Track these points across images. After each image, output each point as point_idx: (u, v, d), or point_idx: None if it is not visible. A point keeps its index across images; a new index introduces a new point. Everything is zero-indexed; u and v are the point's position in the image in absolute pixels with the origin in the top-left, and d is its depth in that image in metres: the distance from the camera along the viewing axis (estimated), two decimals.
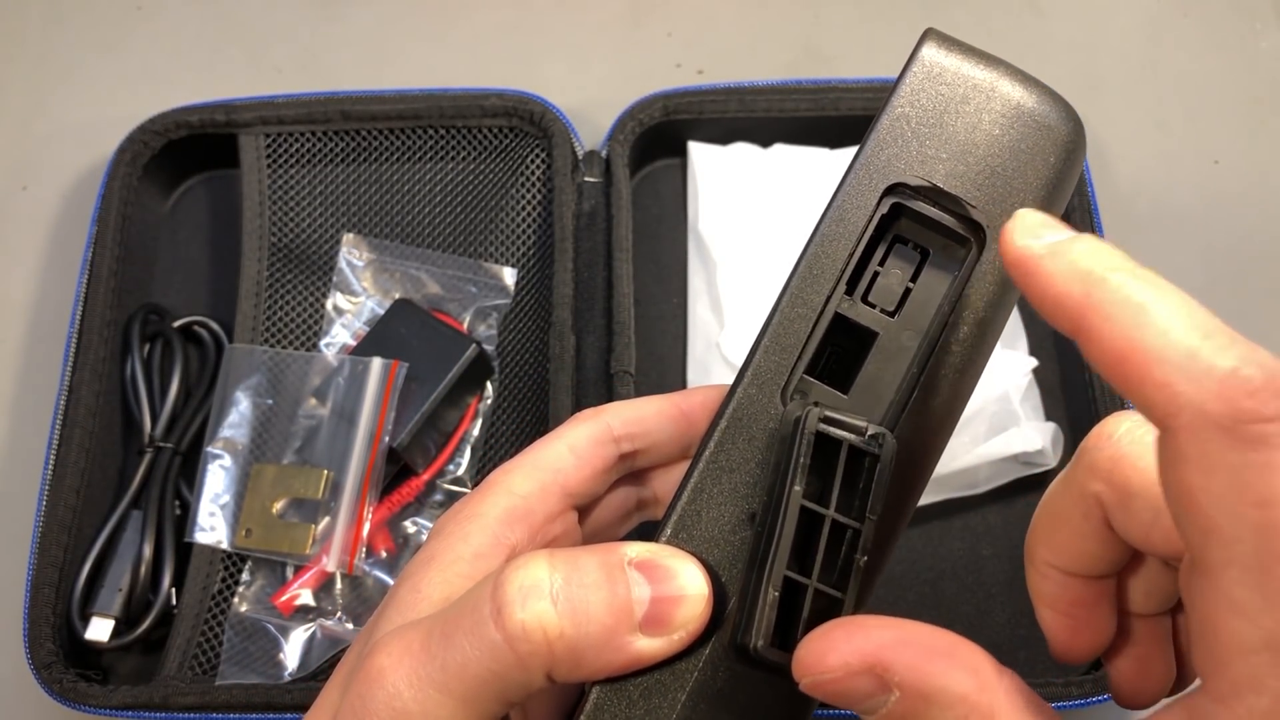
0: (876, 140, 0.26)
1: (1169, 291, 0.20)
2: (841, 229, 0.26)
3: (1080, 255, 0.21)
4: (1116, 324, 0.20)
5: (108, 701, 0.48)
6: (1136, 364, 0.20)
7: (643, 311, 0.57)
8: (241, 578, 0.52)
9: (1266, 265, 0.61)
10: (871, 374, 0.25)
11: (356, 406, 0.52)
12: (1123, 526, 0.24)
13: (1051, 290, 0.21)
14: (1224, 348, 0.19)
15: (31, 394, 0.58)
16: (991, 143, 0.26)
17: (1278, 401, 0.19)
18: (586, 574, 0.24)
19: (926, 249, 0.26)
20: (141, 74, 0.67)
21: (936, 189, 0.26)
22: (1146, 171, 0.63)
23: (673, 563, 0.24)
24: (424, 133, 0.60)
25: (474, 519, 0.28)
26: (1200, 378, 0.19)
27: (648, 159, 0.62)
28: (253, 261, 0.58)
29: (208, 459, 0.53)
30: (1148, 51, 0.67)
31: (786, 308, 0.26)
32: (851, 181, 0.26)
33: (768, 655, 0.23)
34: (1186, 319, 0.20)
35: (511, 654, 0.23)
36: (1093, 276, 0.21)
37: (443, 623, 0.24)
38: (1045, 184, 0.26)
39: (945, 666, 0.21)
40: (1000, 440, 0.51)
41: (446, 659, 0.23)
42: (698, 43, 0.67)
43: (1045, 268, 0.21)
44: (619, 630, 0.24)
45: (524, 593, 0.23)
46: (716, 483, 0.25)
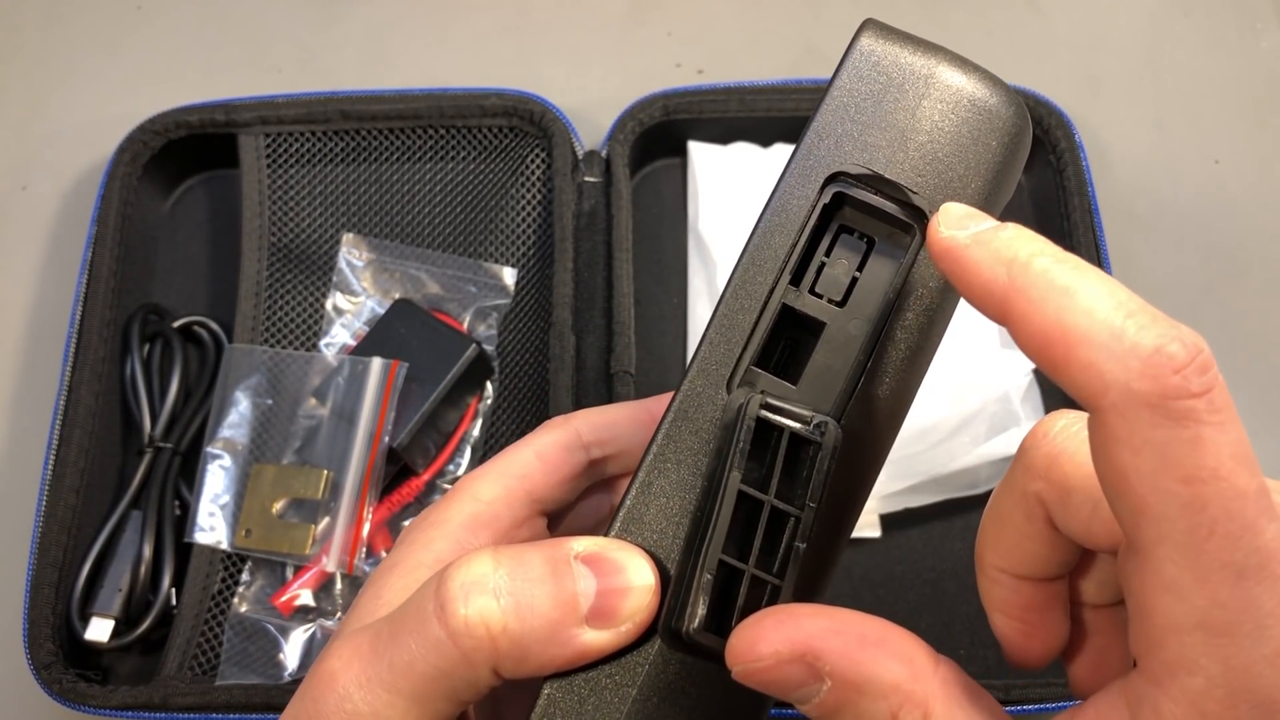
0: (816, 131, 0.26)
1: (1092, 274, 0.20)
2: (783, 219, 0.26)
3: (1004, 243, 0.21)
4: (1041, 308, 0.20)
5: (107, 702, 0.48)
6: (1062, 346, 0.20)
7: (643, 311, 0.57)
8: (241, 578, 0.52)
9: (1267, 265, 0.61)
10: (820, 364, 0.25)
11: (356, 406, 0.52)
12: (1064, 523, 0.24)
13: (978, 278, 0.21)
14: (1147, 326, 0.19)
15: (31, 394, 0.58)
16: (932, 129, 0.25)
17: (1202, 377, 0.19)
18: (531, 569, 0.24)
19: (872, 238, 0.26)
20: (141, 74, 0.67)
21: (877, 176, 0.25)
22: (1146, 171, 0.63)
23: (619, 555, 0.24)
24: (424, 133, 0.60)
25: (438, 525, 0.28)
26: (1125, 356, 0.19)
27: (648, 159, 0.61)
28: (252, 261, 0.58)
29: (207, 459, 0.53)
30: (1148, 51, 0.67)
31: (730, 300, 0.25)
32: (792, 172, 0.26)
33: (700, 639, 0.23)
34: (1110, 300, 0.20)
35: (456, 650, 0.23)
36: (1016, 263, 0.21)
37: (390, 623, 0.24)
38: (988, 168, 0.25)
39: (876, 655, 0.21)
40: (1001, 440, 0.51)
41: (394, 658, 0.23)
42: (698, 42, 0.67)
43: (970, 256, 0.21)
44: (564, 623, 0.23)
45: (466, 588, 0.23)
46: (663, 475, 0.25)
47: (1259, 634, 0.19)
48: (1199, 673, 0.19)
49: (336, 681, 0.24)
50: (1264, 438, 0.57)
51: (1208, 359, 0.19)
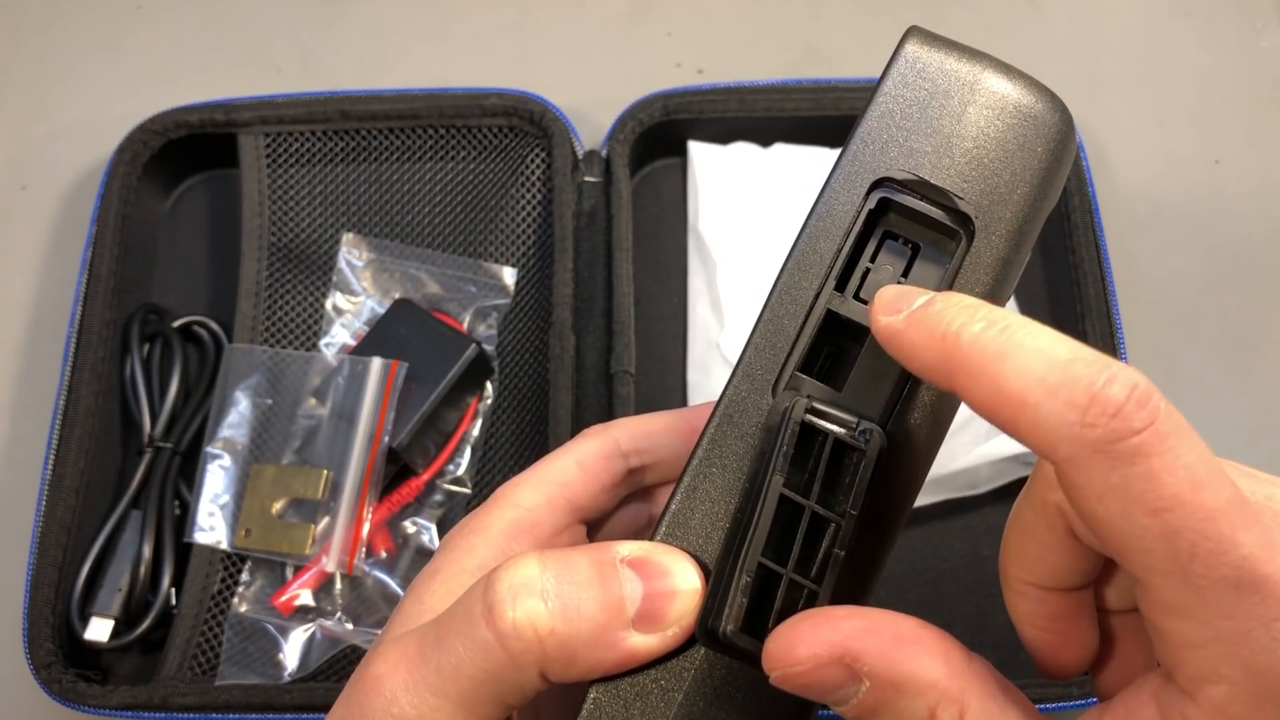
0: (861, 137, 0.26)
1: (1022, 332, 0.21)
2: (829, 224, 0.26)
3: (934, 320, 0.22)
4: (979, 378, 0.21)
5: (107, 702, 0.48)
6: (1008, 410, 0.20)
7: (643, 311, 0.57)
8: (241, 578, 0.52)
9: (1268, 265, 0.61)
10: (865, 370, 0.25)
11: (356, 406, 0.52)
12: (1084, 532, 0.24)
13: (919, 360, 0.22)
14: (1080, 375, 0.20)
15: (31, 394, 0.58)
16: (977, 135, 0.26)
17: (1142, 412, 0.19)
18: (578, 572, 0.24)
19: (917, 244, 0.26)
20: (141, 74, 0.67)
21: (923, 182, 0.26)
22: (1147, 171, 0.63)
23: (665, 559, 0.24)
24: (424, 132, 0.60)
25: (479, 532, 0.28)
26: (1063, 411, 0.19)
27: (648, 159, 0.61)
28: (252, 261, 0.58)
29: (207, 459, 0.53)
30: (1148, 51, 0.67)
31: (775, 305, 0.26)
32: (838, 178, 0.26)
33: (736, 641, 0.23)
34: (1040, 358, 0.20)
35: (503, 653, 0.23)
36: (948, 337, 0.21)
37: (437, 626, 0.24)
38: (1034, 174, 0.26)
39: (914, 653, 0.22)
40: (1001, 440, 0.51)
41: (441, 662, 0.23)
42: (698, 42, 0.67)
43: (908, 340, 0.22)
44: (611, 627, 0.23)
45: (514, 591, 0.23)
46: (708, 479, 0.25)
47: (1270, 637, 0.19)
48: (1221, 681, 0.20)
49: (383, 686, 0.24)
50: (1264, 438, 0.57)
51: (1145, 391, 0.19)
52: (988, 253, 0.25)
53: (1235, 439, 0.57)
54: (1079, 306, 0.55)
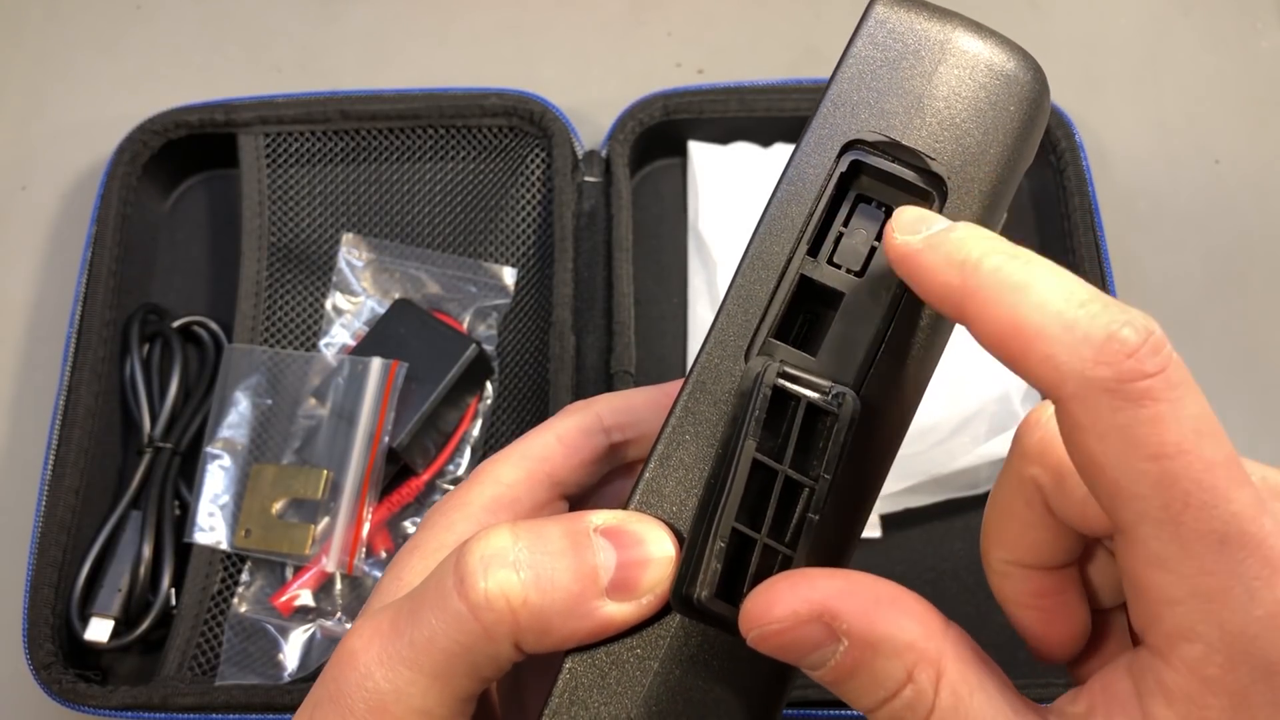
0: (831, 99, 0.25)
1: (1043, 268, 0.21)
2: (800, 189, 0.25)
3: (955, 245, 0.21)
4: (995, 307, 0.20)
5: (107, 702, 0.47)
6: (1018, 343, 0.20)
7: (643, 311, 0.57)
8: (241, 578, 0.52)
9: (1268, 264, 0.61)
10: (839, 335, 0.25)
11: (356, 406, 0.52)
12: (1060, 508, 0.24)
13: (933, 282, 0.21)
14: (1098, 314, 0.20)
15: (31, 394, 0.58)
16: (949, 95, 0.25)
17: (1155, 357, 0.19)
18: (550, 542, 0.24)
19: (890, 206, 0.25)
20: (140, 74, 0.67)
21: (894, 143, 0.25)
22: (1147, 171, 0.63)
23: (638, 527, 0.24)
24: (423, 132, 0.60)
25: (459, 508, 0.28)
26: (1078, 346, 0.19)
27: (648, 159, 0.61)
28: (252, 261, 0.58)
29: (207, 459, 0.53)
30: (1148, 51, 0.67)
31: (747, 270, 0.25)
32: (808, 141, 0.25)
33: (711, 606, 0.23)
34: (1061, 292, 0.20)
35: (477, 624, 0.23)
36: (968, 264, 0.21)
37: (410, 600, 0.24)
38: (1007, 133, 0.25)
39: (892, 614, 0.21)
40: (1000, 440, 0.51)
41: (414, 635, 0.23)
42: (698, 42, 0.67)
43: (924, 261, 0.22)
44: (585, 596, 0.23)
45: (485, 561, 0.23)
46: (681, 447, 0.25)
47: (1249, 596, 0.19)
48: (1197, 640, 0.20)
49: (357, 660, 0.24)
50: (1264, 438, 0.57)
51: (1159, 339, 0.20)
52: (962, 214, 0.25)
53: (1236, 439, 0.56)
54: None
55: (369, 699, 0.23)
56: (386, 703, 0.23)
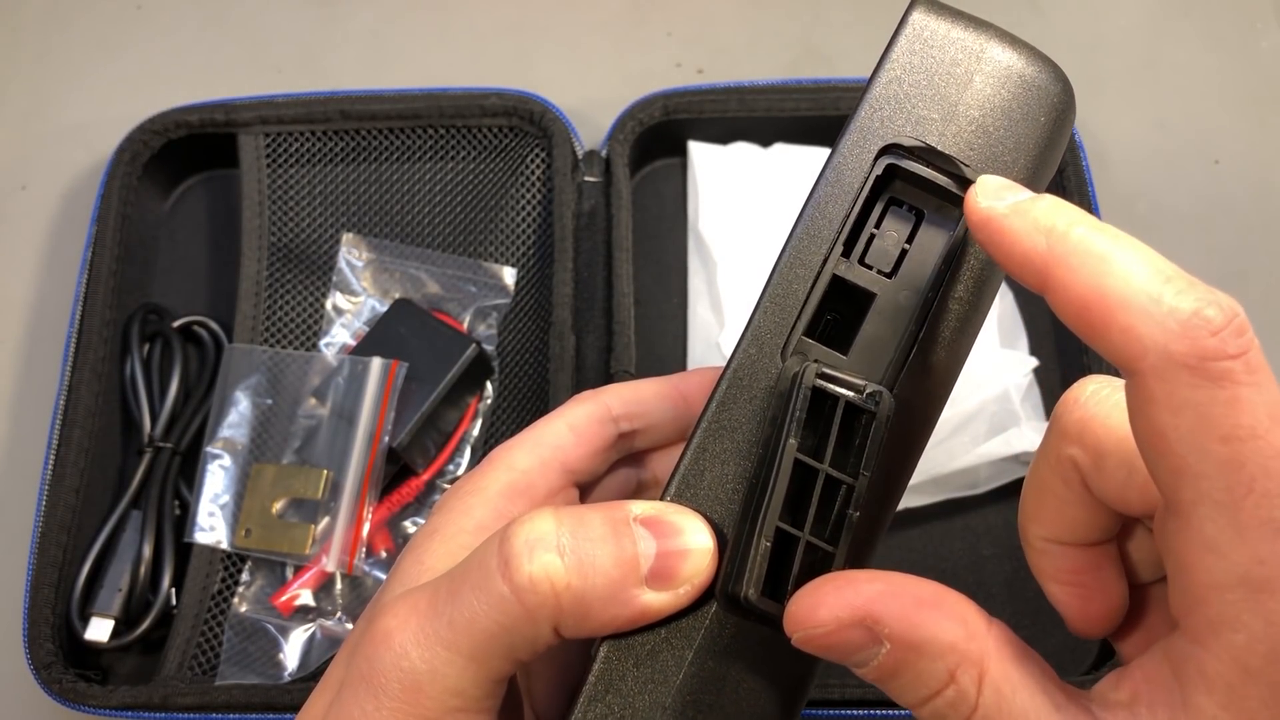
0: (869, 104, 0.26)
1: (1129, 242, 0.21)
2: (837, 190, 0.26)
3: (1042, 212, 0.21)
4: (1080, 274, 0.20)
5: (107, 702, 0.47)
6: (1101, 311, 0.20)
7: (643, 311, 0.57)
8: (241, 578, 0.52)
9: (1268, 265, 0.61)
10: (870, 335, 0.26)
11: (356, 406, 0.52)
12: (1099, 487, 0.24)
13: (1018, 248, 0.22)
14: (1184, 291, 0.20)
15: (31, 394, 0.58)
16: (983, 104, 0.26)
17: (1239, 339, 0.19)
18: (592, 528, 0.24)
19: (921, 210, 0.26)
20: (141, 74, 0.67)
21: (930, 149, 0.26)
22: (1147, 171, 0.63)
23: (677, 518, 0.24)
24: (424, 132, 0.60)
25: (476, 493, 0.29)
26: (1163, 320, 0.19)
27: (648, 159, 0.61)
28: (252, 261, 0.58)
29: (207, 459, 0.53)
30: (1148, 51, 0.67)
31: (785, 269, 0.26)
32: (846, 145, 0.26)
33: (759, 605, 0.24)
34: (1147, 266, 0.20)
35: (519, 606, 0.23)
36: (1055, 231, 0.21)
37: (449, 581, 0.24)
38: (1036, 143, 0.26)
39: (933, 616, 0.22)
40: (1001, 440, 0.51)
41: (454, 615, 0.23)
42: (698, 42, 0.67)
43: (1010, 225, 0.22)
44: (625, 583, 0.24)
45: (530, 545, 0.23)
46: (718, 441, 0.25)
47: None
48: (1241, 629, 0.19)
49: (393, 639, 0.24)
50: None
51: (1243, 322, 0.20)
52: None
53: None
54: None
55: (404, 678, 0.23)
56: (421, 682, 0.23)
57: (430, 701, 0.23)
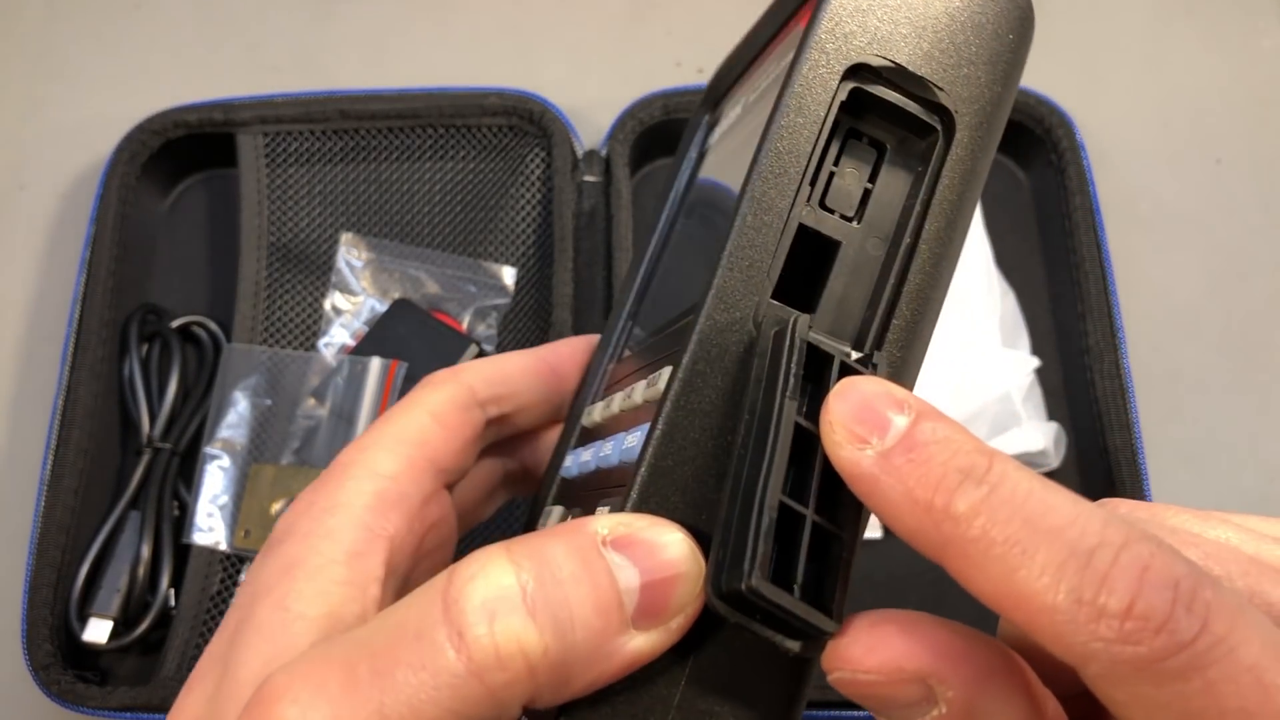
0: (829, 13, 0.22)
1: (1035, 504, 0.17)
2: (800, 120, 0.21)
3: (918, 479, 0.17)
4: (982, 571, 0.17)
5: (106, 703, 0.47)
6: (1022, 614, 0.16)
7: None
8: (240, 579, 0.52)
9: (1269, 264, 0.61)
10: (837, 291, 0.22)
11: (355, 407, 0.52)
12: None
13: (901, 523, 0.18)
14: (1113, 577, 0.16)
15: (29, 394, 0.58)
16: (951, 19, 0.22)
17: (1190, 617, 0.16)
18: (559, 567, 0.19)
19: (883, 143, 0.22)
20: (139, 73, 0.66)
21: (901, 69, 0.22)
22: (1148, 170, 0.63)
23: (654, 534, 0.19)
24: (423, 132, 0.60)
25: (337, 510, 0.23)
26: (1096, 629, 0.16)
27: (648, 158, 0.61)
28: (251, 261, 0.58)
29: (206, 459, 0.53)
30: (1150, 50, 0.67)
31: (750, 215, 0.21)
32: (805, 64, 0.22)
33: (769, 595, 0.18)
34: (1060, 544, 0.16)
35: (481, 687, 0.18)
36: (936, 511, 0.17)
37: (369, 655, 0.18)
38: (1006, 64, 0.22)
39: (1005, 690, 0.18)
40: (1002, 440, 0.51)
41: (386, 703, 0.17)
42: (697, 41, 0.67)
43: (883, 494, 0.18)
44: (609, 632, 0.19)
45: (490, 606, 0.18)
46: (686, 427, 0.21)
47: None
48: None
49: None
50: (1266, 440, 0.57)
51: (1189, 588, 0.16)
52: (964, 155, 0.22)
53: (1237, 439, 0.57)
54: (1080, 306, 0.55)
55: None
56: None
57: None
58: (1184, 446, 0.56)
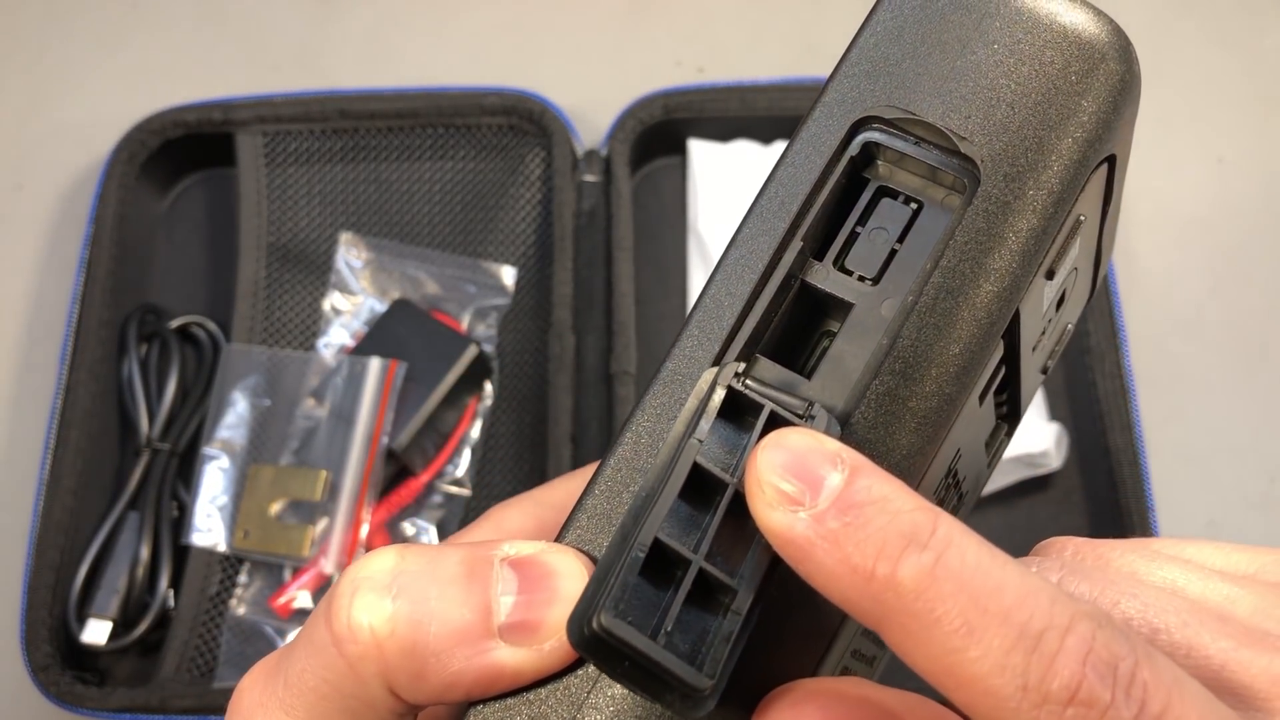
0: (847, 69, 0.21)
1: (981, 585, 0.16)
2: (798, 172, 0.21)
3: (856, 548, 0.16)
4: (925, 648, 0.16)
5: (105, 704, 0.47)
6: (959, 694, 0.16)
7: (643, 311, 0.57)
8: (239, 580, 0.52)
9: (1270, 263, 0.60)
10: (839, 354, 0.20)
11: (354, 407, 0.52)
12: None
13: (838, 592, 0.17)
14: (1057, 664, 0.16)
15: (28, 395, 0.58)
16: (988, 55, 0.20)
17: (1130, 703, 0.16)
18: (443, 568, 0.20)
19: (920, 201, 0.20)
20: (138, 73, 0.66)
21: (916, 120, 0.20)
22: (1150, 169, 0.63)
23: (554, 559, 0.20)
24: (422, 131, 0.60)
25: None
26: (1038, 714, 0.15)
27: (648, 158, 0.61)
28: (250, 261, 0.57)
29: (205, 460, 0.53)
30: (1151, 49, 0.67)
31: (728, 267, 0.20)
32: (816, 119, 0.21)
33: (618, 633, 0.17)
34: (1010, 636, 0.16)
35: (341, 659, 0.19)
36: (875, 583, 0.16)
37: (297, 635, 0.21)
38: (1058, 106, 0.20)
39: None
40: None
41: (288, 674, 0.20)
42: (698, 40, 0.67)
43: (818, 562, 0.16)
44: (470, 635, 0.19)
45: (355, 585, 0.20)
46: (628, 479, 0.20)
47: None
48: None
49: (241, 702, 0.21)
50: (1267, 438, 0.57)
51: (1130, 666, 0.16)
52: (990, 208, 0.20)
53: (1238, 439, 0.57)
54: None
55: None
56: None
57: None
58: (1185, 446, 0.56)
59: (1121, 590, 0.19)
